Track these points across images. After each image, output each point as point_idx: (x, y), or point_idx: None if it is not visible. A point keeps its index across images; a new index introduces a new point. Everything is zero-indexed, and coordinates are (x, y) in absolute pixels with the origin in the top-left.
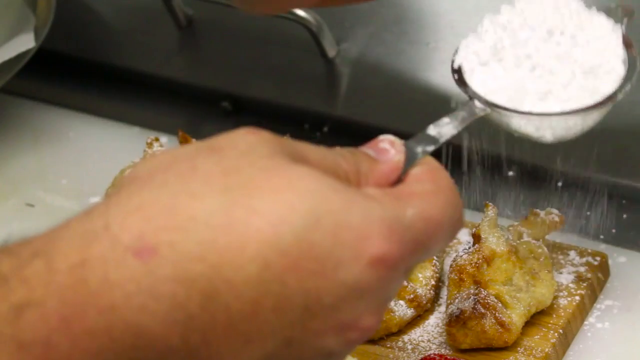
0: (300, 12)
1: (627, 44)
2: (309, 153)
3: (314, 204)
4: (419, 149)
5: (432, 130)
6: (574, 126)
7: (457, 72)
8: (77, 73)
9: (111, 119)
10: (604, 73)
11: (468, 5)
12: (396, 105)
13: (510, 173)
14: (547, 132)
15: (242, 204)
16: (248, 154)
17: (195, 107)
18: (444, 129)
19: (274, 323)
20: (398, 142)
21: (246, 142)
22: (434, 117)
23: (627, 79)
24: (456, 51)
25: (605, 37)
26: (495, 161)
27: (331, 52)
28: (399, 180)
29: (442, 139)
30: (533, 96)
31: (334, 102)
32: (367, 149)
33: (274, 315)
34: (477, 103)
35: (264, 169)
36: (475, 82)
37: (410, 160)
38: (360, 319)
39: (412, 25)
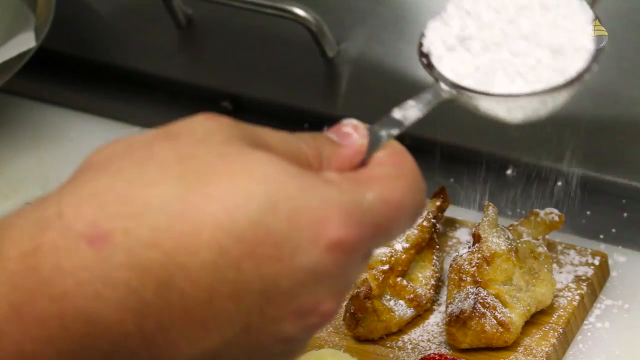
0: (300, 12)
1: (596, 21)
2: (269, 138)
3: (269, 189)
4: (384, 133)
5: (397, 113)
6: (544, 106)
7: (425, 57)
8: (77, 73)
9: (111, 119)
10: (573, 51)
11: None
12: (396, 105)
13: (510, 173)
14: (516, 113)
15: (197, 190)
16: (205, 140)
17: (195, 106)
18: (409, 112)
19: (231, 309)
20: (361, 125)
21: (204, 128)
22: (434, 117)
23: (595, 56)
24: (422, 35)
25: (573, 15)
26: (495, 161)
27: (331, 51)
28: (363, 164)
29: (407, 122)
30: (502, 79)
31: (334, 102)
32: (330, 133)
33: (230, 302)
34: (443, 85)
35: (220, 155)
36: (443, 68)
37: (375, 144)
38: (320, 304)
39: (412, 25)
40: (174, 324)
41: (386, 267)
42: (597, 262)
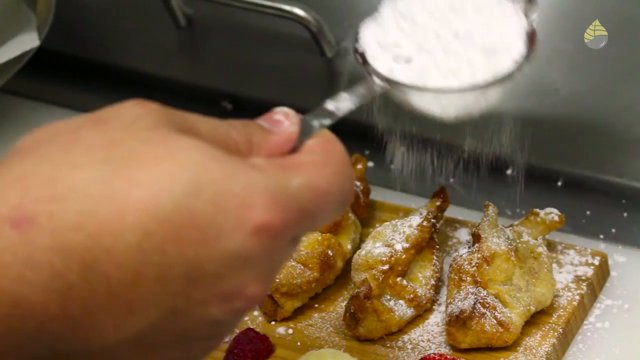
0: (300, 12)
1: (528, 23)
2: (198, 124)
3: (194, 173)
4: (316, 123)
5: (330, 105)
6: (476, 103)
7: (360, 54)
8: (77, 73)
9: None
10: (504, 51)
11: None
12: (396, 105)
13: (510, 173)
14: (449, 109)
15: (122, 174)
16: (132, 126)
17: (195, 106)
18: (342, 104)
19: (157, 292)
20: (293, 113)
21: (132, 113)
22: (433, 116)
23: (527, 56)
24: (357, 34)
25: (506, 16)
26: (495, 161)
27: (330, 51)
28: (294, 151)
29: (340, 113)
30: (435, 78)
31: None
32: (262, 120)
33: (156, 285)
34: (376, 79)
35: (147, 140)
36: (378, 66)
37: (307, 133)
38: (245, 287)
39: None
40: (99, 307)
41: (386, 267)
42: (597, 262)
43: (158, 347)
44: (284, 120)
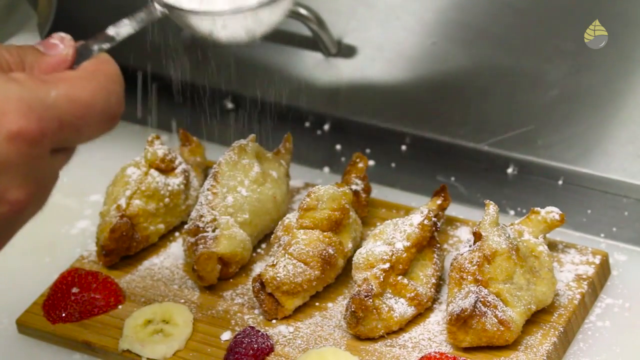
0: (301, 11)
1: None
2: None
3: None
4: (95, 47)
5: (111, 30)
6: (247, 25)
7: None
8: None
9: None
10: None
11: (467, 4)
12: (396, 104)
13: (511, 172)
14: (228, 30)
15: None
16: None
17: (196, 105)
18: (123, 29)
19: None
20: (69, 38)
21: None
22: (434, 116)
23: None
24: None
25: None
26: (496, 160)
27: (332, 50)
28: None
29: (119, 38)
30: (216, 2)
31: (334, 101)
32: (38, 44)
33: None
34: (157, 5)
35: None
36: None
37: (86, 56)
38: (6, 192)
39: (412, 24)
40: None
41: (387, 265)
42: (597, 261)
43: None
44: (59, 43)
